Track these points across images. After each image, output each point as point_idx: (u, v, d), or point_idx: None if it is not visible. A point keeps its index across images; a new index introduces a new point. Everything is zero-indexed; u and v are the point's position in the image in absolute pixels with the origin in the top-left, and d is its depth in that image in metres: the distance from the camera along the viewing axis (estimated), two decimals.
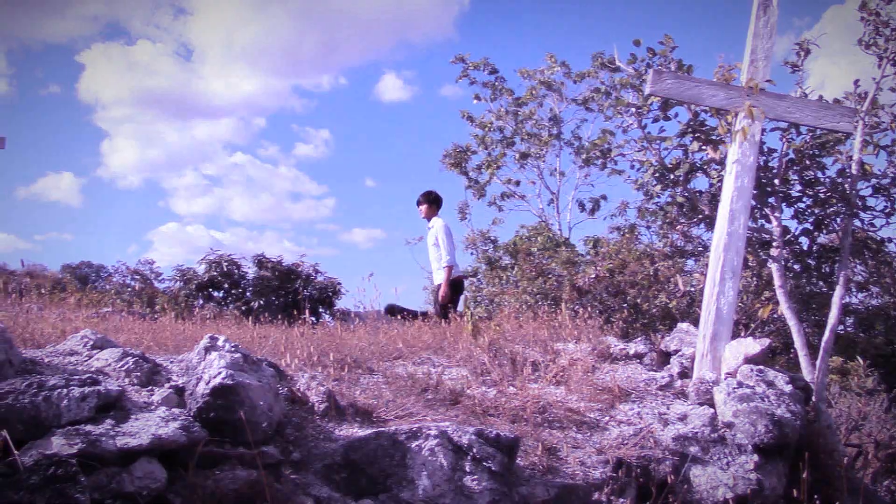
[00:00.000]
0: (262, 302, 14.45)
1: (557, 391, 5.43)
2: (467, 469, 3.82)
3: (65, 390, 3.38)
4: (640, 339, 6.65)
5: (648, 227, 11.39)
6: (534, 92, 16.96)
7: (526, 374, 5.54)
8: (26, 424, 3.19)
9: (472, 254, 16.08)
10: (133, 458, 3.22)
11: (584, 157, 15.43)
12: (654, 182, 7.15)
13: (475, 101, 17.69)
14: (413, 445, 3.83)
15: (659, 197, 7.44)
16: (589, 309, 8.00)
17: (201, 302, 15.27)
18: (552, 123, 17.30)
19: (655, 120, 7.28)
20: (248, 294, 15.11)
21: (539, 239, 14.56)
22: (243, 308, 13.94)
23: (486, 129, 17.25)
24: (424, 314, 9.40)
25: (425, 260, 10.67)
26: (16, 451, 2.96)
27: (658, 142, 7.31)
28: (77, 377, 3.55)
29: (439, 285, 9.56)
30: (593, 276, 10.73)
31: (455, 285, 9.68)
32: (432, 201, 10.03)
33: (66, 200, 77.29)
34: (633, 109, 7.39)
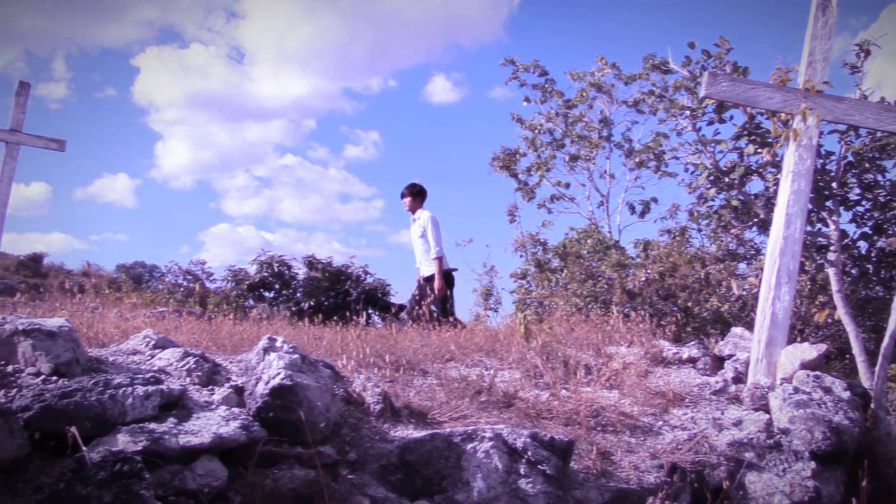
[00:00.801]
0: (312, 302, 14.58)
1: (610, 395, 5.42)
2: (522, 472, 3.83)
3: (129, 389, 3.46)
4: (693, 343, 6.60)
5: (699, 230, 11.31)
6: (584, 94, 16.89)
7: (579, 377, 5.53)
8: (93, 421, 3.27)
9: (521, 256, 16.04)
10: (195, 456, 3.27)
11: (636, 160, 15.35)
12: (709, 185, 7.10)
13: (525, 104, 17.69)
14: (468, 447, 3.85)
15: (713, 200, 7.38)
16: (641, 312, 7.95)
17: (251, 302, 15.47)
18: (602, 125, 17.21)
19: (710, 123, 7.24)
20: (298, 294, 15.27)
21: (589, 241, 14.48)
22: (294, 308, 14.09)
23: (536, 131, 17.22)
24: (401, 307, 9.37)
25: (475, 261, 10.66)
26: (84, 448, 3.04)
27: (713, 145, 7.25)
28: (141, 376, 3.63)
29: (428, 278, 9.41)
30: (643, 278, 10.65)
31: (446, 278, 9.52)
32: (416, 193, 9.89)
33: (120, 201, 78.82)
34: (688, 112, 7.34)
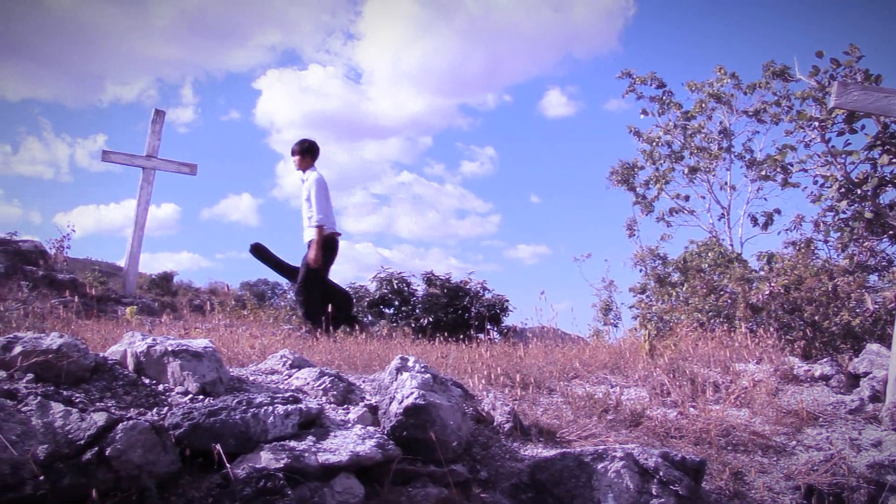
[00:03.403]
0: (431, 319, 14.73)
1: (740, 413, 5.32)
2: (654, 492, 3.80)
3: (270, 408, 3.59)
4: (825, 360, 6.41)
5: (826, 242, 10.95)
6: (703, 105, 16.57)
7: (707, 395, 5.45)
8: (237, 439, 3.40)
9: (640, 270, 15.83)
10: (333, 473, 3.36)
11: (762, 173, 14.94)
12: (839, 197, 6.88)
13: (642, 116, 17.49)
14: (599, 467, 3.85)
15: (844, 212, 7.16)
16: (771, 329, 7.75)
17: (370, 318, 15.74)
18: (722, 136, 16.83)
19: (840, 133, 7.02)
20: (417, 311, 15.44)
21: (710, 255, 14.17)
22: (413, 325, 14.26)
23: (654, 143, 17.00)
24: (296, 269, 8.68)
25: (593, 276, 10.40)
26: (229, 464, 3.18)
27: (843, 156, 7.03)
28: (280, 395, 3.77)
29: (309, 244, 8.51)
30: (767, 292, 10.37)
31: (328, 246, 8.57)
32: (306, 150, 8.99)
33: (244, 220, 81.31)
34: (816, 123, 7.15)
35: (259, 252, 8.90)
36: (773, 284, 10.37)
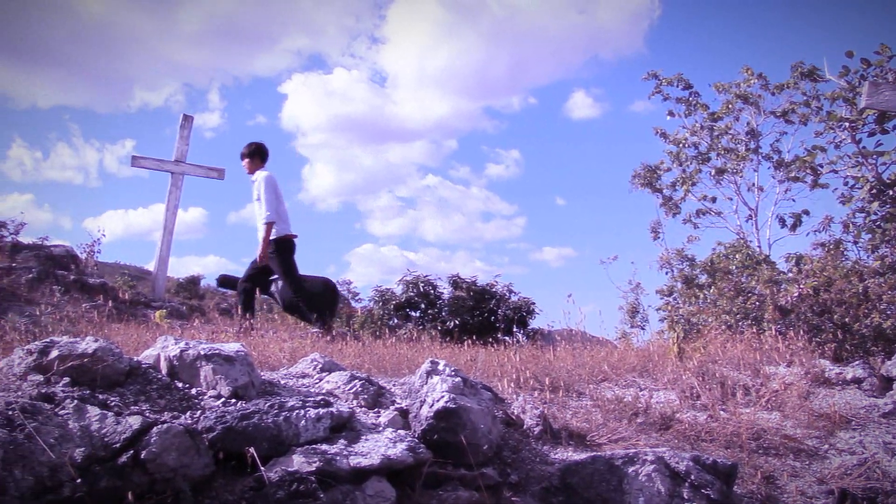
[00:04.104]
0: (457, 321, 14.75)
1: (771, 417, 5.28)
2: (685, 496, 3.79)
3: (302, 411, 3.61)
4: (857, 362, 6.36)
5: (856, 243, 10.84)
6: (730, 106, 16.45)
7: (737, 398, 5.42)
8: (270, 442, 3.42)
9: (666, 273, 15.76)
10: (365, 476, 3.37)
11: (791, 174, 14.81)
12: (871, 198, 6.82)
13: (668, 118, 17.40)
14: (630, 471, 3.84)
15: (876, 213, 7.09)
16: (801, 332, 7.70)
17: (395, 321, 15.77)
18: (749, 137, 16.70)
19: (871, 134, 6.95)
20: (443, 314, 15.46)
21: (737, 256, 14.07)
22: (440, 328, 14.28)
23: (681, 145, 16.91)
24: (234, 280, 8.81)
25: (620, 279, 10.37)
26: (262, 467, 3.21)
27: (875, 156, 6.96)
28: (311, 399, 3.79)
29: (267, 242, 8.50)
30: (796, 294, 10.29)
31: (283, 247, 8.62)
32: (254, 153, 9.01)
33: None
34: (847, 123, 7.08)
35: (226, 283, 9.20)
36: (801, 286, 10.30)
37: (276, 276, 8.85)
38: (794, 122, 15.97)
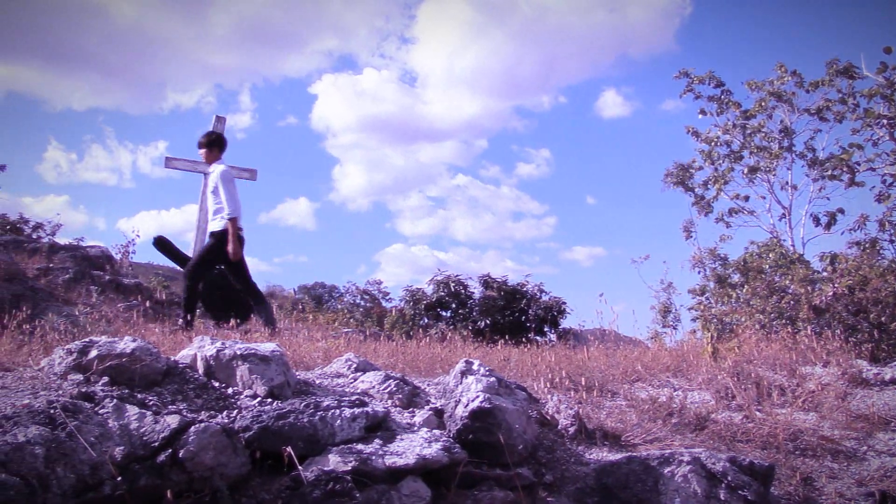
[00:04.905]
0: (488, 321, 14.75)
1: (808, 417, 5.23)
2: (722, 497, 3.76)
3: (337, 411, 3.62)
4: (895, 363, 6.28)
5: (892, 241, 10.71)
6: (763, 104, 16.26)
7: (773, 398, 5.37)
8: (306, 442, 3.44)
9: (699, 272, 15.64)
10: (400, 476, 3.38)
11: (827, 174, 14.63)
12: None
13: (700, 116, 17.22)
14: (665, 471, 3.81)
15: None
16: (836, 332, 7.61)
17: (425, 320, 15.80)
18: (783, 135, 16.50)
19: None
20: (474, 313, 15.47)
21: (771, 255, 13.93)
22: (471, 327, 14.28)
23: (713, 143, 16.75)
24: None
25: (651, 278, 10.26)
26: (299, 466, 3.22)
27: None
28: (346, 399, 3.80)
29: (216, 235, 8.06)
30: (830, 293, 10.18)
31: (225, 240, 8.06)
32: (213, 142, 8.58)
33: (301, 224, 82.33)
34: (885, 121, 7.00)
35: (162, 245, 8.69)
36: (836, 285, 10.18)
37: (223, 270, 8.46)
38: (829, 119, 15.76)
